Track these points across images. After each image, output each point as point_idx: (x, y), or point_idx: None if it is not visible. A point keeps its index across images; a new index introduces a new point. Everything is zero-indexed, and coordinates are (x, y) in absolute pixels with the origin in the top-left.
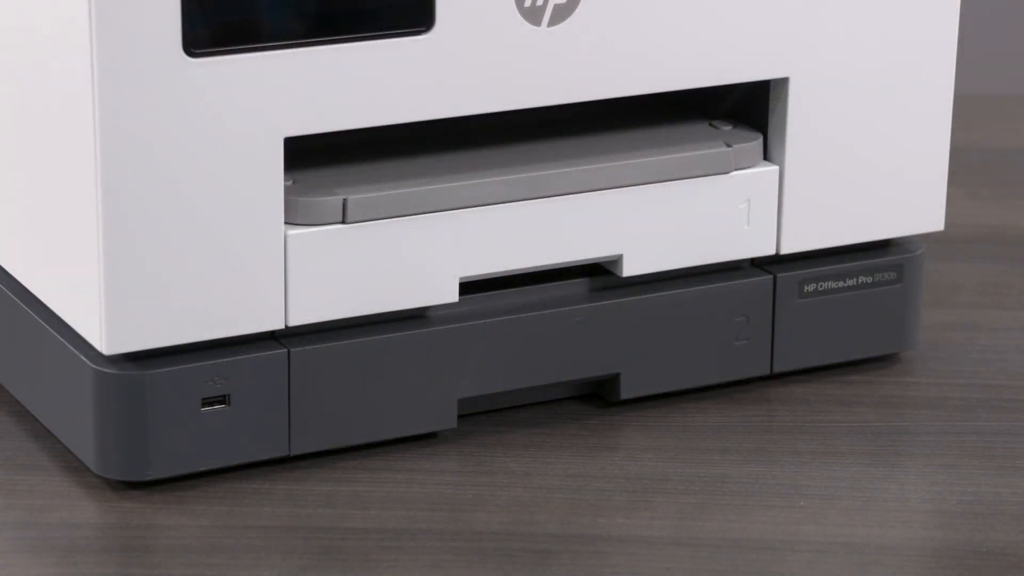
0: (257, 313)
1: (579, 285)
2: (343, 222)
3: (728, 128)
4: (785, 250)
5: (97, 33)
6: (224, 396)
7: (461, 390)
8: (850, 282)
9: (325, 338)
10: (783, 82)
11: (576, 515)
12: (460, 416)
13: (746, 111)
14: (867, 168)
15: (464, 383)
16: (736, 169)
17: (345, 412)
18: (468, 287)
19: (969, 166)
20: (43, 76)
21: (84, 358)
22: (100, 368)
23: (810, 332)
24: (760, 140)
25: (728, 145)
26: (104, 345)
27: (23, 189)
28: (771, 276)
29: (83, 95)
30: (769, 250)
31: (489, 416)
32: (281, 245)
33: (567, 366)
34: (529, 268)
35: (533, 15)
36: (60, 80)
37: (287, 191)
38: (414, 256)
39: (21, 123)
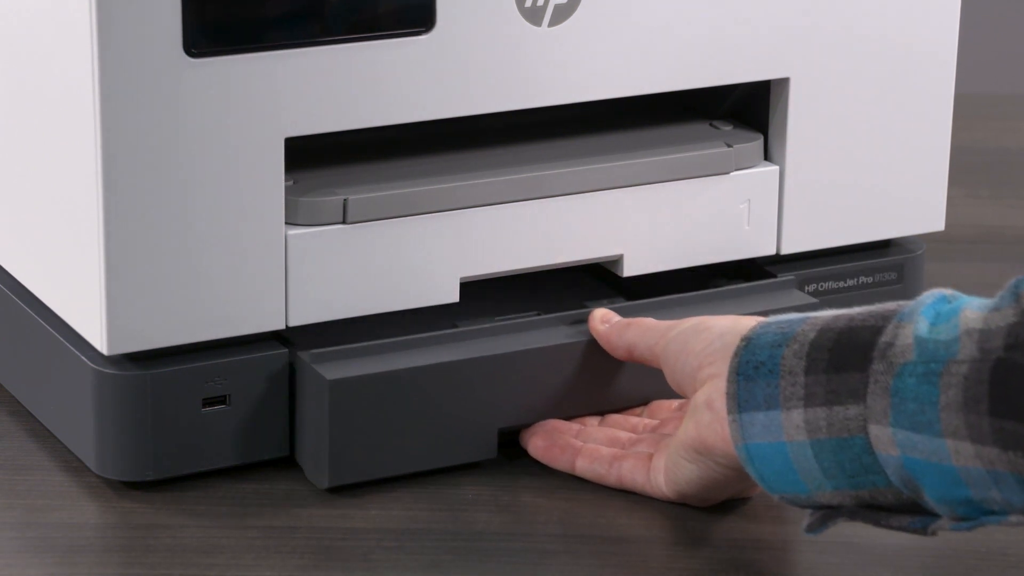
0: (258, 313)
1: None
2: (343, 222)
3: (728, 128)
4: (785, 250)
5: (98, 33)
6: (224, 396)
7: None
8: (850, 282)
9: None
10: (783, 82)
11: (576, 515)
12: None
13: (746, 111)
14: (867, 168)
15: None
16: (736, 169)
17: None
18: (468, 287)
19: (969, 166)
20: (44, 76)
21: (84, 358)
22: (100, 368)
23: None
24: (760, 140)
25: (728, 145)
26: (104, 345)
27: (24, 189)
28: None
29: (84, 95)
30: (769, 250)
31: None
32: (281, 245)
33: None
34: (529, 268)
35: (533, 15)
36: (61, 80)
37: (287, 191)
38: (414, 256)
39: (22, 123)
